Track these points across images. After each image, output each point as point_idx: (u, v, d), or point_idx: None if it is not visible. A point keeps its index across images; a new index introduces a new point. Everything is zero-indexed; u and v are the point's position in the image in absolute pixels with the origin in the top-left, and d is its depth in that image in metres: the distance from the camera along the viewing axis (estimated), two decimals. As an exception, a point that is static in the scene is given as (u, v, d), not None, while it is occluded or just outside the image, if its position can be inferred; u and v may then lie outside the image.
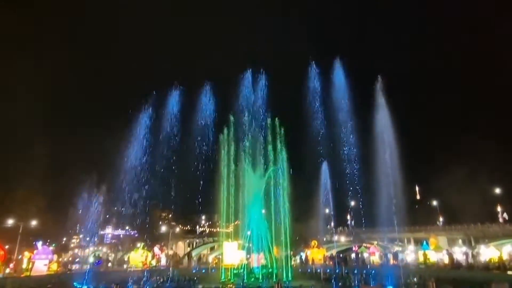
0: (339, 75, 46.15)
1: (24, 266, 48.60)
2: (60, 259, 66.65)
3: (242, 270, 32.47)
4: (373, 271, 35.05)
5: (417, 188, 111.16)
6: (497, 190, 77.10)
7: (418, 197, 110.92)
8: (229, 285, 30.32)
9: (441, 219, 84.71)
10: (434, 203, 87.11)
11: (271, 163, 37.19)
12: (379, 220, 61.74)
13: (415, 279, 29.89)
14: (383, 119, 48.12)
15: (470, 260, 51.50)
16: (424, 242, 60.30)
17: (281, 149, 38.14)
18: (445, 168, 74.48)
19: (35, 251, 47.36)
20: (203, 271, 45.84)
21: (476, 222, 69.22)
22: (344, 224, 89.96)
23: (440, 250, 59.95)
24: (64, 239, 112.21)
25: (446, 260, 51.46)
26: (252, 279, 31.15)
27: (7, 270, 45.53)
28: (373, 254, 63.61)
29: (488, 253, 57.64)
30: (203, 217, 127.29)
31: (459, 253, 57.11)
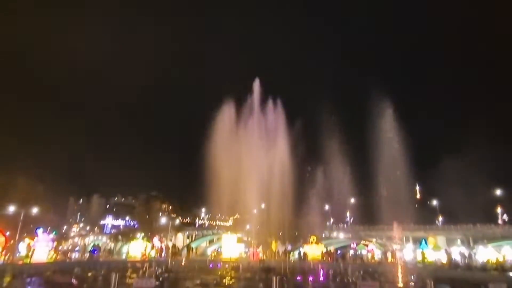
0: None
1: (23, 253, 48.86)
2: (60, 247, 67.09)
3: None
4: (370, 269, 35.13)
5: (417, 188, 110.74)
6: (498, 192, 76.90)
7: (418, 196, 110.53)
8: (227, 276, 30.42)
9: (440, 218, 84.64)
10: (434, 202, 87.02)
11: (274, 155, 37.14)
12: (378, 218, 62.15)
13: (412, 278, 29.95)
14: (385, 121, 48.19)
15: (468, 260, 51.47)
16: (423, 241, 60.27)
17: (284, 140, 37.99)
18: (445, 168, 74.21)
19: (35, 238, 47.58)
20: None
21: (475, 223, 69.11)
22: (344, 221, 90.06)
23: (438, 249, 59.94)
24: (65, 227, 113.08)
25: (444, 259, 51.49)
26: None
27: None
28: (371, 252, 63.74)
29: (486, 254, 57.67)
30: (203, 210, 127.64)
31: (457, 253, 57.11)
